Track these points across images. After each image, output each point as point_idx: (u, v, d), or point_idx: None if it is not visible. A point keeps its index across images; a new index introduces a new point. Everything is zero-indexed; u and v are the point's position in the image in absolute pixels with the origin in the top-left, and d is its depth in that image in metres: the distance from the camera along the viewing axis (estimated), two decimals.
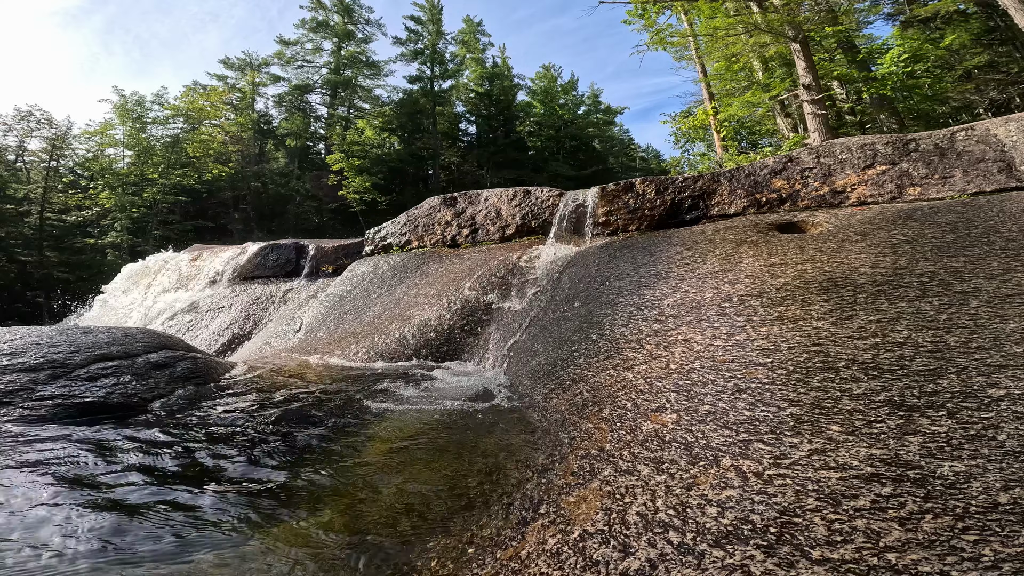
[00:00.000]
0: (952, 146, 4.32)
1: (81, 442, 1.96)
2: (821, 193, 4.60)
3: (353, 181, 23.24)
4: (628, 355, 2.43)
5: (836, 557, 0.95)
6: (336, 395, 2.85)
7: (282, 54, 29.44)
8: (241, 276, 8.48)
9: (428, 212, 6.92)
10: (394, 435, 2.28)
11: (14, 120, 22.08)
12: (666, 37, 10.59)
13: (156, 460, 1.89)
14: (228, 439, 2.14)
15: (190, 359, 2.95)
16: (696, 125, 14.62)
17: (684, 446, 1.50)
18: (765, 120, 14.79)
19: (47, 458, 1.82)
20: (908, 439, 1.27)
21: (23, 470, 1.72)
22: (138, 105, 22.80)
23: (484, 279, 4.81)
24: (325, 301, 6.06)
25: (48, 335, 2.86)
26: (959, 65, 13.13)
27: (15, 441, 1.93)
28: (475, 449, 2.08)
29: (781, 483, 1.20)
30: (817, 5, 9.08)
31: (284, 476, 1.86)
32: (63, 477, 1.70)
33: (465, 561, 1.33)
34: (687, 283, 3.17)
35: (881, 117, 11.16)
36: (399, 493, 1.74)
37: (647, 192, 5.20)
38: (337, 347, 4.33)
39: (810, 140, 9.10)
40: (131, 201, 21.09)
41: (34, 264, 19.24)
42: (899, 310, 2.09)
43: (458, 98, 32.49)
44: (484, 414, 2.53)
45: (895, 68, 10.43)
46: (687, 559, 1.05)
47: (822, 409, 1.48)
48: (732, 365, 1.94)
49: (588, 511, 1.35)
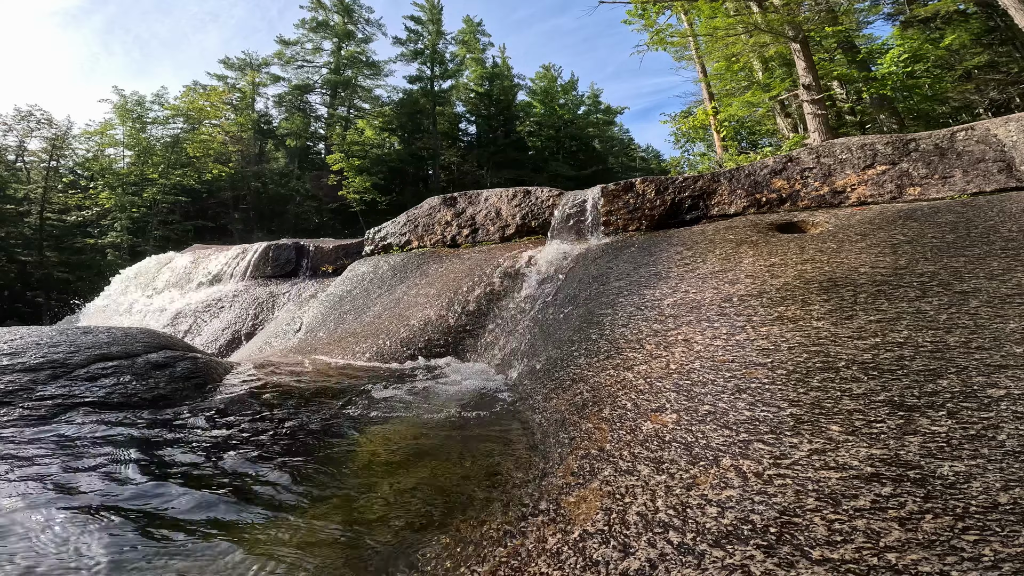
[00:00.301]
0: (952, 146, 4.32)
1: (81, 442, 1.96)
2: (821, 193, 4.60)
3: (353, 181, 23.25)
4: (628, 355, 2.43)
5: (836, 557, 0.95)
6: (336, 395, 2.85)
7: (282, 54, 29.46)
8: (241, 276, 8.49)
9: (428, 212, 6.92)
10: (394, 435, 2.28)
11: (14, 120, 22.10)
12: (666, 37, 10.59)
13: (155, 460, 1.89)
14: (228, 439, 2.14)
15: (190, 359, 2.95)
16: (696, 125, 14.63)
17: (684, 446, 1.50)
18: (765, 120, 14.80)
19: (47, 458, 1.82)
20: (908, 439, 1.27)
21: (23, 470, 1.72)
22: (138, 105, 22.82)
23: (484, 279, 4.81)
24: (325, 301, 6.06)
25: (48, 335, 2.86)
26: (959, 65, 13.14)
27: (15, 441, 1.93)
28: (475, 449, 2.08)
29: (781, 483, 1.20)
30: (817, 5, 9.08)
31: (282, 476, 1.86)
32: (63, 477, 1.70)
33: (465, 561, 1.33)
34: (687, 283, 3.17)
35: (881, 117, 11.16)
36: (398, 493, 1.74)
37: (647, 192, 5.20)
38: (337, 347, 4.33)
39: (810, 140, 9.11)
40: (131, 201, 21.10)
41: (34, 264, 19.25)
42: (899, 310, 2.09)
43: (458, 98, 32.50)
44: (484, 414, 2.53)
45: (895, 68, 10.43)
46: (687, 559, 1.05)
47: (822, 409, 1.48)
48: (732, 365, 1.94)
49: (588, 511, 1.35)
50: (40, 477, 1.68)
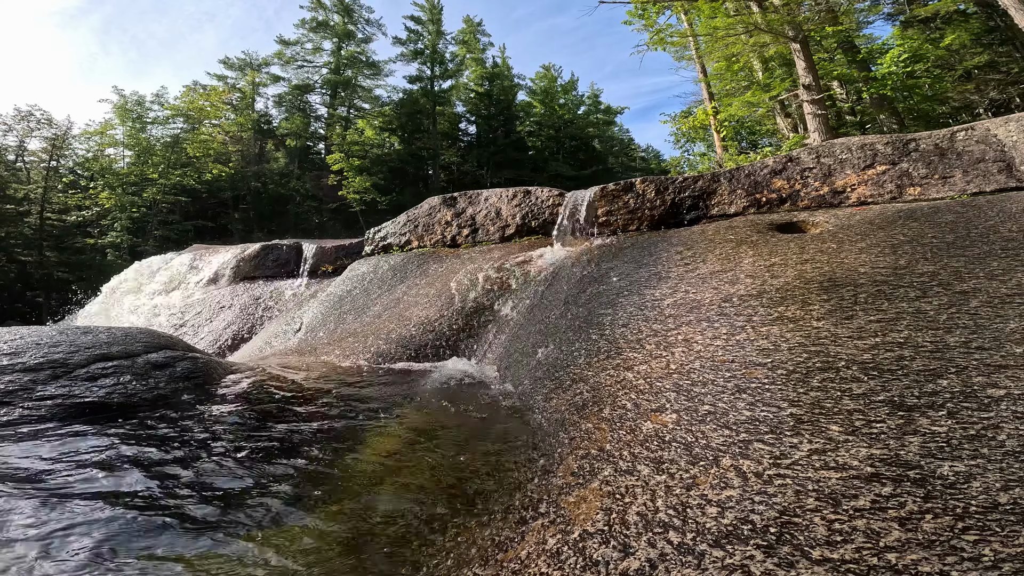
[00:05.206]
0: (952, 146, 4.32)
1: (81, 442, 1.96)
2: (821, 193, 4.60)
3: (353, 181, 23.26)
4: (628, 355, 2.43)
5: (836, 557, 0.95)
6: (335, 395, 2.85)
7: (282, 54, 29.46)
8: (241, 276, 8.49)
9: (428, 212, 6.92)
10: (393, 435, 2.28)
11: (14, 120, 22.12)
12: (666, 37, 10.58)
13: (155, 460, 1.89)
14: (228, 439, 2.14)
15: (190, 359, 2.95)
16: (696, 125, 14.62)
17: (684, 446, 1.50)
18: (765, 120, 14.79)
19: (46, 458, 1.81)
20: (908, 439, 1.27)
21: (22, 470, 1.72)
22: (138, 105, 22.83)
23: (484, 279, 4.81)
24: (325, 301, 6.06)
25: (48, 335, 2.86)
26: (959, 65, 13.14)
27: (14, 441, 1.93)
28: (475, 449, 2.08)
29: (781, 483, 1.20)
30: (817, 5, 9.08)
31: (282, 476, 1.86)
32: (62, 476, 1.69)
33: (464, 560, 1.33)
34: (687, 283, 3.17)
35: (881, 117, 11.16)
36: (398, 493, 1.74)
37: (647, 192, 5.20)
38: (337, 347, 4.33)
39: (810, 140, 9.10)
40: (131, 201, 21.11)
41: (34, 264, 19.26)
42: (899, 310, 2.09)
43: (458, 98, 32.50)
44: (484, 414, 2.53)
45: (895, 68, 10.42)
46: (687, 559, 1.05)
47: (822, 409, 1.48)
48: (732, 365, 1.94)
49: (588, 511, 1.35)
50: (39, 477, 1.68)
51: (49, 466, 1.76)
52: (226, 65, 28.90)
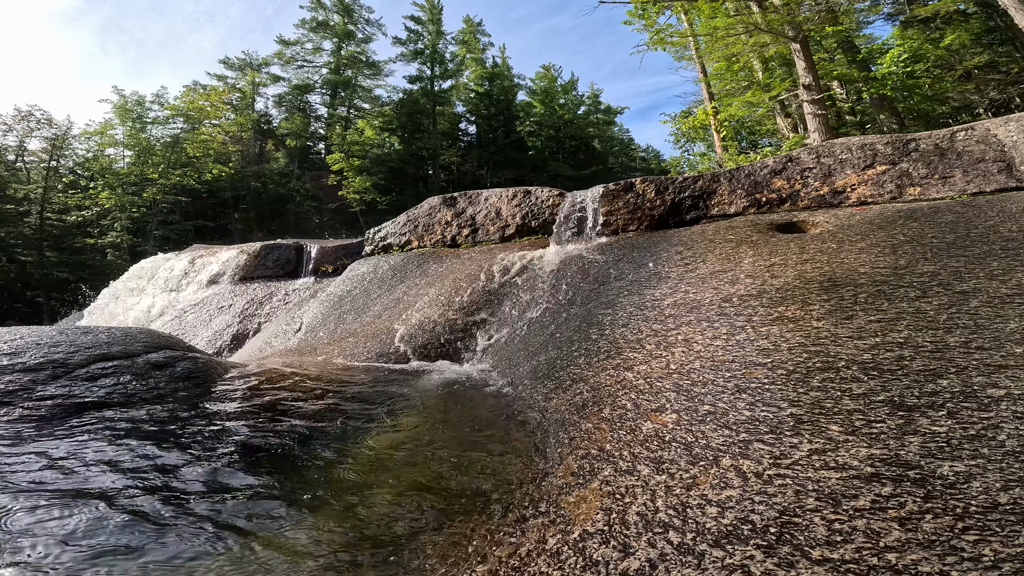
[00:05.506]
0: (952, 146, 4.32)
1: (81, 442, 1.96)
2: (821, 193, 4.60)
3: (353, 181, 23.26)
4: (628, 355, 2.43)
5: (836, 557, 0.95)
6: (335, 395, 2.85)
7: (282, 54, 29.46)
8: (241, 276, 8.49)
9: (428, 212, 6.92)
10: (393, 435, 2.28)
11: (14, 120, 22.12)
12: (666, 37, 10.58)
13: (155, 460, 1.89)
14: (227, 439, 2.14)
15: (190, 359, 2.95)
16: (696, 125, 14.61)
17: (684, 446, 1.50)
18: (765, 120, 14.80)
19: (46, 458, 1.82)
20: (908, 439, 1.27)
21: (21, 470, 1.72)
22: (138, 105, 22.84)
23: (484, 280, 4.81)
24: (325, 301, 6.06)
25: (48, 335, 2.86)
26: (959, 65, 13.14)
27: (13, 441, 1.93)
28: (474, 449, 2.08)
29: (781, 483, 1.20)
30: (817, 5, 9.07)
31: (281, 476, 1.86)
32: (62, 477, 1.69)
33: (464, 560, 1.33)
34: (687, 283, 3.17)
35: (881, 117, 11.16)
36: (397, 493, 1.74)
37: (647, 192, 5.20)
38: (337, 347, 4.33)
39: (810, 140, 9.11)
40: (131, 201, 21.11)
41: (34, 264, 19.26)
42: (899, 310, 2.09)
43: (458, 98, 32.50)
44: (484, 414, 2.53)
45: (895, 68, 10.43)
46: (687, 559, 1.05)
47: (822, 409, 1.48)
48: (732, 365, 1.94)
49: (588, 511, 1.35)
50: (39, 477, 1.68)
51: (49, 466, 1.76)
52: (226, 65, 28.92)
